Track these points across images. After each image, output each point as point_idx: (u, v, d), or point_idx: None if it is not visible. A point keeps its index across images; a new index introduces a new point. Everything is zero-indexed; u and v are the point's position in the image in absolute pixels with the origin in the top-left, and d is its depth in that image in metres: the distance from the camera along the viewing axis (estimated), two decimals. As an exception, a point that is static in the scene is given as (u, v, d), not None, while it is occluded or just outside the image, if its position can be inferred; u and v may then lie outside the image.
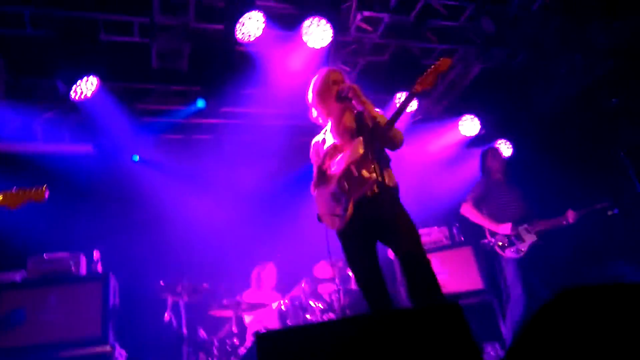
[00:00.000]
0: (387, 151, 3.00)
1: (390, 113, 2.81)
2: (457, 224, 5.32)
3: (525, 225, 4.50)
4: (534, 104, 6.53)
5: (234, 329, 4.44)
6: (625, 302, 1.75)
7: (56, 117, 5.44)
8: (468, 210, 4.77)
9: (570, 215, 4.49)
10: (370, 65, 5.53)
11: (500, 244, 4.49)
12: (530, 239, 4.44)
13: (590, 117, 5.46)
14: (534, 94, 6.55)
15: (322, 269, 4.99)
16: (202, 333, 4.53)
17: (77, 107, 5.19)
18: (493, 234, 4.57)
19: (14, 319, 3.83)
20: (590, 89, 6.04)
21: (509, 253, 4.43)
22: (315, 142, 3.22)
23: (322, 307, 4.48)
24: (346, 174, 2.84)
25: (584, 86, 6.12)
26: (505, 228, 4.49)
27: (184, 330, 4.31)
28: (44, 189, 3.17)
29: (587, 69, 6.02)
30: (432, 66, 2.75)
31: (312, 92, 3.14)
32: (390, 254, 5.01)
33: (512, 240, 4.46)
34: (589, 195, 4.62)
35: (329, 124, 3.15)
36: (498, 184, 4.80)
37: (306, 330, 1.82)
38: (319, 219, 3.01)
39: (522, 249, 4.40)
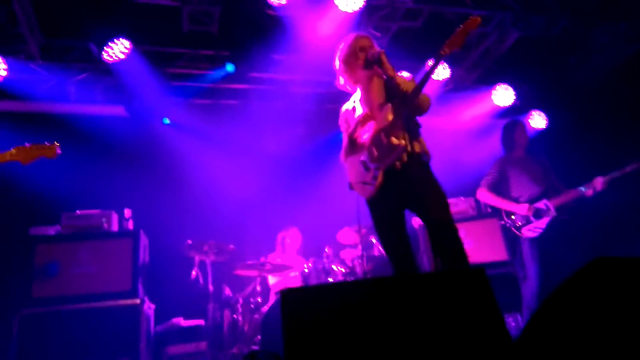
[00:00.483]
0: (418, 119, 2.97)
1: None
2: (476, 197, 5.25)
3: (544, 201, 4.34)
4: (571, 75, 6.30)
5: (258, 288, 4.56)
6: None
7: (89, 79, 5.54)
8: (483, 195, 4.64)
9: (599, 183, 4.23)
10: (402, 31, 5.39)
11: (518, 224, 4.39)
12: (549, 215, 4.29)
13: (630, 91, 5.23)
14: (572, 65, 6.31)
15: (346, 235, 5.03)
16: (227, 291, 4.67)
17: (110, 70, 5.28)
18: (509, 214, 4.46)
19: (48, 271, 4.01)
20: (633, 60, 5.78)
21: (526, 232, 4.32)
22: (345, 109, 3.19)
23: (344, 272, 4.54)
24: (375, 141, 2.82)
25: (626, 57, 5.85)
26: (522, 208, 4.36)
27: (210, 288, 4.44)
28: (55, 145, 3.19)
29: (630, 39, 5.74)
30: (461, 26, 2.66)
31: (339, 59, 3.09)
32: (414, 222, 5.06)
33: (530, 218, 4.34)
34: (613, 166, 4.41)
35: (358, 92, 3.11)
36: (518, 160, 4.61)
37: (330, 289, 1.85)
38: (350, 187, 3.02)
39: (540, 227, 4.27)
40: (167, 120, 6.10)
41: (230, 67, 5.62)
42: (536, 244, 4.27)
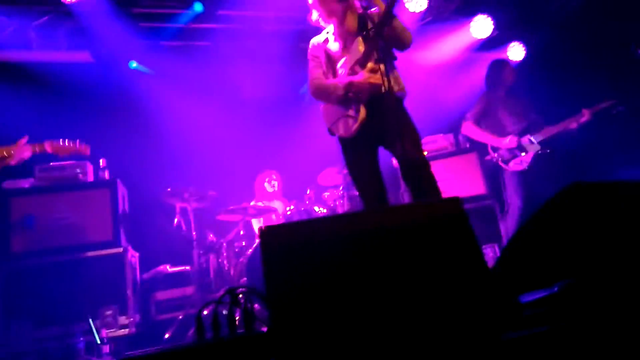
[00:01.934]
0: (395, 53, 2.90)
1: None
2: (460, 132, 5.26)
3: (529, 136, 4.43)
4: (551, 3, 6.15)
5: (242, 232, 4.59)
6: (628, 198, 1.75)
7: (50, 23, 5.23)
8: (469, 129, 4.69)
9: (586, 114, 4.37)
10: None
11: (505, 157, 4.46)
12: (533, 149, 4.39)
13: (610, 20, 5.15)
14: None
15: (327, 177, 5.04)
16: (210, 236, 4.70)
17: (71, 12, 4.99)
18: (495, 149, 4.52)
19: (25, 224, 3.96)
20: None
21: (513, 165, 4.42)
22: (316, 42, 3.09)
23: (326, 213, 4.58)
24: (352, 75, 2.77)
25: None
26: (508, 142, 4.43)
27: (194, 234, 4.46)
28: (86, 146, 3.66)
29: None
30: None
31: None
32: (394, 161, 5.07)
33: (515, 152, 4.42)
34: (603, 96, 4.47)
35: (331, 27, 3.00)
36: (502, 96, 4.65)
37: (308, 224, 1.85)
38: (330, 132, 2.97)
39: (526, 160, 4.37)
40: (134, 64, 5.83)
41: (198, 7, 5.35)
42: (521, 177, 4.38)
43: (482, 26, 6.17)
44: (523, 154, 4.40)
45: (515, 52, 6.51)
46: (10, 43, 5.14)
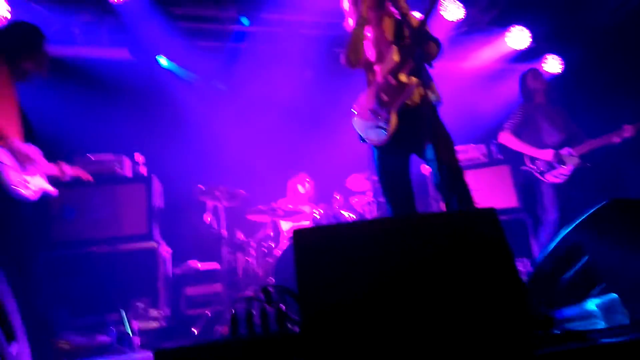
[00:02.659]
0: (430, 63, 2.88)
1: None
2: (495, 142, 5.20)
3: (568, 149, 4.36)
4: (590, 16, 6.04)
5: (270, 233, 4.64)
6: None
7: (94, 20, 5.41)
8: (506, 138, 4.64)
9: (628, 129, 4.26)
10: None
11: (542, 169, 4.40)
12: (573, 162, 4.32)
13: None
14: (591, 5, 6.03)
15: (355, 182, 5.05)
16: (240, 235, 4.76)
17: (114, 11, 5.15)
18: (533, 160, 4.47)
19: (64, 215, 4.09)
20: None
21: (550, 178, 4.36)
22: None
23: (354, 218, 4.59)
24: (384, 85, 2.77)
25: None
26: (547, 154, 4.37)
27: (223, 232, 4.53)
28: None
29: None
30: None
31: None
32: (424, 169, 5.05)
33: (554, 165, 4.36)
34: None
35: (368, 34, 3.02)
36: (539, 107, 4.59)
37: (342, 228, 1.87)
38: (362, 140, 2.97)
39: (564, 174, 4.31)
40: (162, 60, 5.90)
41: (245, 21, 5.50)
42: (558, 190, 4.32)
43: (518, 37, 6.10)
44: (562, 166, 4.34)
45: (552, 64, 6.41)
46: (56, 38, 5.33)
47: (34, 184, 2.94)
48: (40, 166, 3.06)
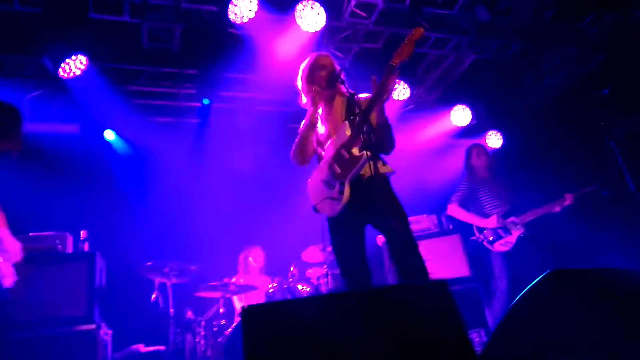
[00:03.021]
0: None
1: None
2: (446, 212, 5.35)
3: (513, 218, 4.55)
4: (526, 95, 6.58)
5: (222, 310, 4.45)
6: (609, 285, 1.78)
7: (44, 96, 5.37)
8: (454, 210, 4.82)
9: (569, 198, 4.48)
10: (363, 51, 5.50)
11: (490, 238, 4.54)
12: (517, 230, 4.49)
13: (581, 108, 5.51)
14: (526, 85, 6.60)
15: (311, 254, 5.00)
16: (189, 314, 4.53)
17: (66, 87, 5.14)
18: (481, 230, 4.62)
19: (-2, 297, 3.79)
20: (582, 81, 6.10)
21: (498, 247, 4.50)
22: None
23: (309, 291, 4.50)
24: (337, 158, 2.83)
25: (576, 78, 6.18)
26: (492, 222, 4.55)
27: (171, 311, 4.29)
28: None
29: (579, 61, 6.07)
30: (406, 37, 2.72)
31: (301, 78, 3.11)
32: (379, 240, 5.08)
33: (500, 233, 4.51)
34: (580, 184, 4.66)
35: (320, 110, 3.13)
36: (483, 180, 4.82)
37: (291, 304, 1.82)
38: (315, 210, 2.98)
39: (510, 241, 4.46)
40: (108, 133, 5.87)
41: (206, 101, 5.63)
42: (506, 258, 4.44)
43: (461, 115, 6.52)
44: (508, 234, 4.48)
45: (493, 140, 6.83)
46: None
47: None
48: (9, 254, 3.06)
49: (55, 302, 3.86)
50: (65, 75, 4.83)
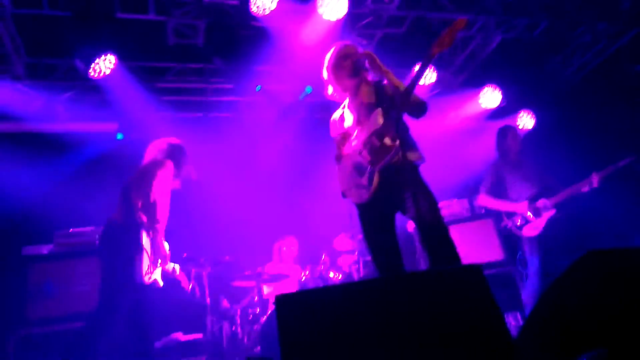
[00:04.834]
0: (407, 121, 2.98)
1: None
2: (477, 196, 5.28)
3: (543, 200, 4.44)
4: (556, 74, 6.40)
5: (256, 299, 4.54)
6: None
7: (76, 97, 5.53)
8: (483, 200, 4.77)
9: (595, 178, 4.34)
10: (387, 37, 5.44)
11: (518, 223, 4.47)
12: (548, 213, 4.39)
13: (613, 85, 5.33)
14: (556, 64, 6.41)
15: (342, 242, 5.04)
16: (224, 303, 4.64)
17: (97, 86, 5.28)
18: (509, 216, 4.54)
19: (43, 291, 3.97)
20: (614, 57, 5.89)
21: (527, 231, 4.42)
22: (333, 119, 3.22)
23: (341, 278, 4.53)
24: (368, 145, 2.82)
25: (608, 54, 5.97)
26: (521, 207, 4.46)
27: (207, 300, 4.40)
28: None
29: (611, 37, 5.85)
30: (448, 27, 2.68)
31: (326, 69, 3.12)
32: (409, 227, 5.07)
33: (529, 218, 4.43)
34: (613, 161, 4.52)
35: (347, 100, 3.13)
36: (513, 163, 4.73)
37: (325, 292, 1.84)
38: (344, 195, 3.01)
39: (540, 225, 4.36)
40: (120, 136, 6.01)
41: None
42: (536, 242, 4.35)
43: (490, 97, 6.38)
44: (537, 218, 4.40)
45: (525, 120, 6.67)
46: (39, 115, 5.42)
47: (155, 276, 3.52)
48: (164, 263, 3.64)
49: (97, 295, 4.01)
50: (96, 75, 4.97)
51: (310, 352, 1.60)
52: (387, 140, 2.72)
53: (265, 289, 5.05)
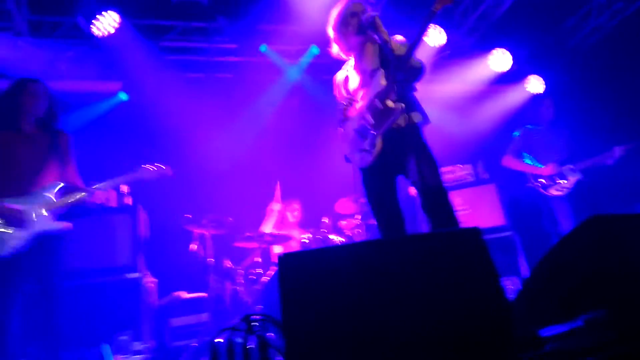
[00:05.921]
0: (416, 86, 2.92)
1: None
2: (481, 162, 5.25)
3: (570, 165, 4.53)
4: (569, 37, 6.22)
5: (258, 260, 4.60)
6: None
7: (80, 55, 5.45)
8: (509, 161, 4.88)
9: (617, 152, 4.45)
10: (397, -5, 5.29)
11: (544, 183, 4.58)
12: (574, 177, 4.49)
13: (629, 49, 5.19)
14: (569, 26, 6.23)
15: (344, 205, 5.04)
16: (227, 263, 4.70)
17: (101, 45, 5.19)
18: (536, 177, 4.64)
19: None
20: (630, 21, 5.71)
21: (553, 192, 4.54)
22: (338, 80, 3.15)
23: (343, 241, 4.56)
24: (371, 108, 2.78)
25: (624, 17, 5.78)
26: (548, 169, 4.57)
27: (210, 260, 4.46)
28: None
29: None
30: None
31: (331, 26, 3.03)
32: (411, 191, 5.06)
33: (556, 180, 4.54)
34: (626, 129, 4.51)
35: (352, 60, 3.06)
36: (544, 131, 4.84)
37: (325, 251, 1.85)
38: (347, 159, 2.99)
39: (566, 187, 4.48)
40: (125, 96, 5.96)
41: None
42: (568, 202, 4.49)
43: (500, 60, 6.25)
44: (564, 180, 4.50)
45: (534, 85, 6.55)
46: (41, 73, 5.36)
47: None
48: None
49: (102, 253, 4.08)
50: (99, 32, 4.88)
51: (310, 311, 1.61)
52: (390, 103, 2.67)
53: (274, 249, 5.09)
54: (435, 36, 5.76)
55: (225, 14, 5.28)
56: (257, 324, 1.74)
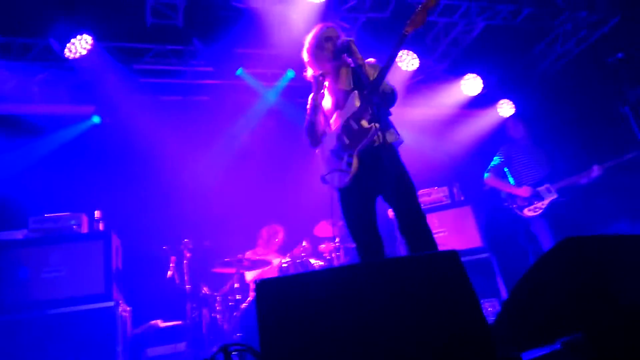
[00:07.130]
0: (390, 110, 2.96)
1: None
2: (457, 184, 5.33)
3: (547, 185, 4.61)
4: (537, 62, 6.44)
5: (237, 285, 4.52)
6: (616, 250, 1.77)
7: (52, 77, 5.37)
8: (490, 180, 4.96)
9: (596, 170, 4.53)
10: (370, 21, 5.39)
11: (519, 204, 4.66)
12: (550, 197, 4.57)
13: (594, 74, 5.39)
14: (537, 52, 6.46)
15: (323, 229, 5.03)
16: (205, 289, 4.61)
17: (73, 67, 5.13)
18: (512, 197, 4.72)
19: (16, 277, 3.88)
20: (595, 46, 5.96)
21: (527, 212, 4.60)
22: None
23: (322, 265, 4.53)
24: (345, 129, 2.82)
25: (589, 43, 6.03)
26: (524, 191, 4.65)
27: (187, 287, 4.37)
28: None
29: (591, 26, 5.91)
30: (420, 5, 2.63)
31: (306, 50, 3.07)
32: (390, 213, 5.08)
33: (532, 200, 4.60)
34: (595, 150, 4.64)
35: (326, 83, 3.10)
36: (521, 148, 4.94)
37: (304, 277, 1.83)
38: (324, 180, 2.99)
39: (540, 207, 4.55)
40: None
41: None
42: (545, 220, 4.54)
43: (472, 85, 6.41)
44: (539, 201, 4.58)
45: (505, 109, 6.73)
46: (13, 96, 5.25)
47: None
48: None
49: (74, 281, 3.95)
50: (72, 55, 4.82)
51: (289, 338, 1.58)
52: (364, 123, 2.71)
53: (248, 276, 5.02)
54: (409, 61, 5.89)
55: (200, 37, 5.28)
56: (235, 353, 1.70)
